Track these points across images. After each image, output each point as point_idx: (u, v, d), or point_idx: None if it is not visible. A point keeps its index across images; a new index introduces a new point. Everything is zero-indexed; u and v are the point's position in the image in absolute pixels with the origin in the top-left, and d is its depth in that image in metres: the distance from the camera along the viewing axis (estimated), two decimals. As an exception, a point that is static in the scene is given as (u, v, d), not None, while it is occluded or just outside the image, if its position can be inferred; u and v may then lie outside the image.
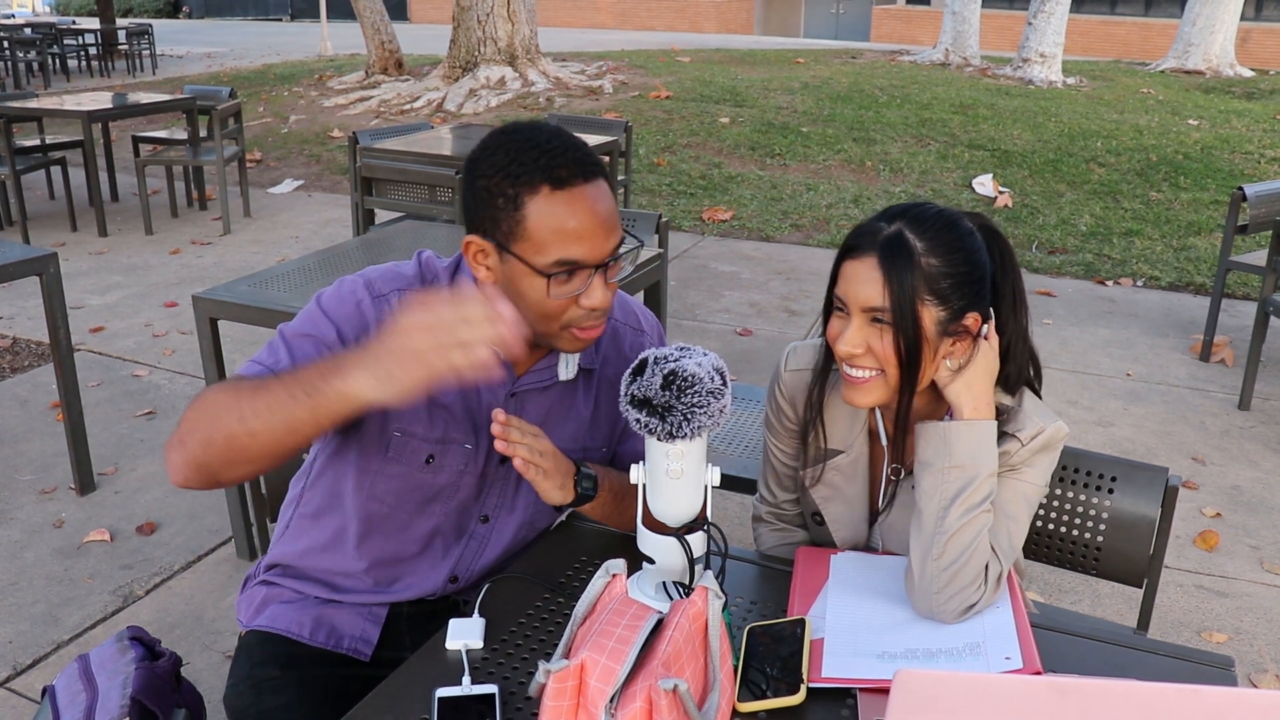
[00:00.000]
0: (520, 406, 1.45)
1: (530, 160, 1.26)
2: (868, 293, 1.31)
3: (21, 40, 14.70)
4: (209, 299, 2.71)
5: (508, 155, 1.27)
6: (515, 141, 1.28)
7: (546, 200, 1.25)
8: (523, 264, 1.27)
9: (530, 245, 1.26)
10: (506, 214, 1.26)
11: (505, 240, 1.28)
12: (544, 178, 1.25)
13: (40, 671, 2.47)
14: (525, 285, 1.28)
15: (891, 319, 1.31)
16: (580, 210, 1.26)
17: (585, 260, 1.27)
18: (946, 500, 1.32)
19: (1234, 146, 8.62)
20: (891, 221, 1.34)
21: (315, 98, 11.27)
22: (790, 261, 6.15)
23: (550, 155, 1.26)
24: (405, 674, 1.23)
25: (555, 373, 1.45)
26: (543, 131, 1.31)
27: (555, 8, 27.02)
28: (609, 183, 1.32)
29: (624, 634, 1.05)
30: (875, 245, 1.32)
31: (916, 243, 1.31)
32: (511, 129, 1.31)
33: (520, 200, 1.25)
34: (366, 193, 4.65)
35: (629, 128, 5.83)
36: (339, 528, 1.51)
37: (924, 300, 1.31)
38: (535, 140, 1.28)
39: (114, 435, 3.70)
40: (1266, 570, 3.00)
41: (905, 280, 1.29)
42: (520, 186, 1.25)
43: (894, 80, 11.67)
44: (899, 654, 1.24)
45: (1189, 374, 4.49)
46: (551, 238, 1.26)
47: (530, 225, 1.25)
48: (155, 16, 31.59)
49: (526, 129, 1.31)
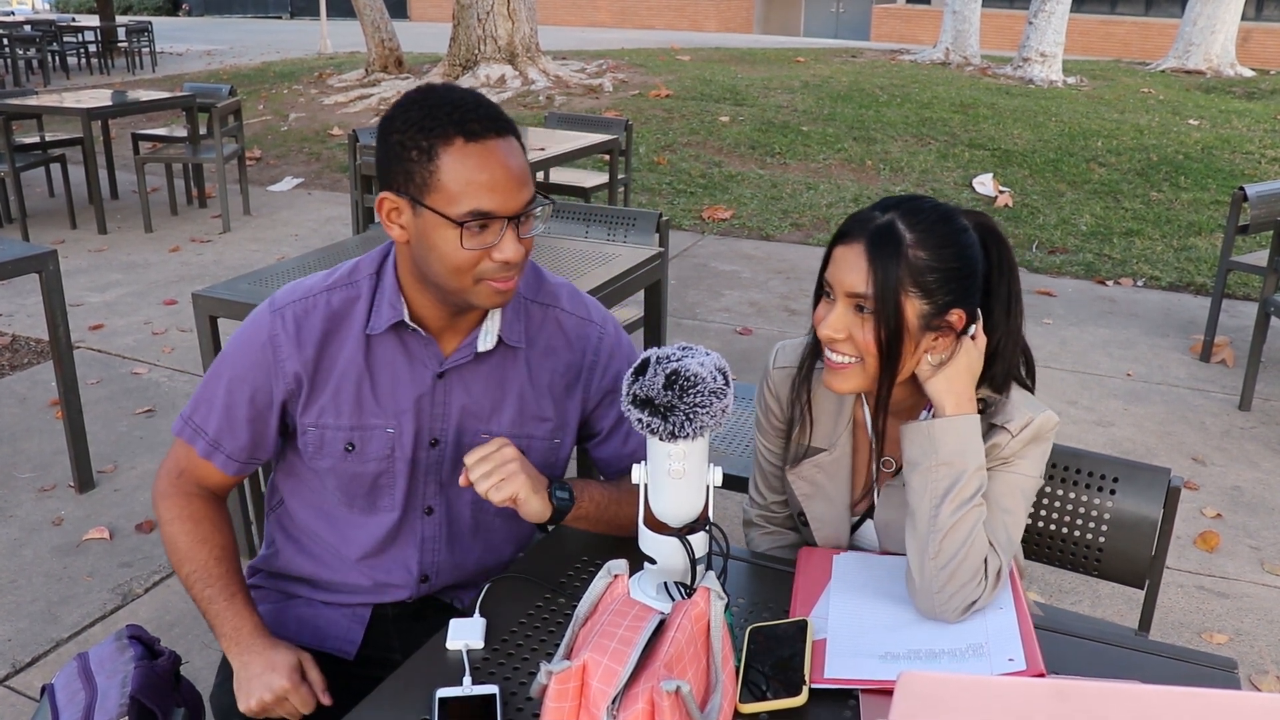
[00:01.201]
0: (448, 386, 1.45)
1: (444, 114, 1.28)
2: (852, 279, 1.32)
3: (21, 37, 14.69)
4: (209, 297, 2.70)
5: (421, 110, 1.29)
6: (429, 99, 1.31)
7: (460, 152, 1.27)
8: (437, 215, 1.28)
9: (443, 196, 1.28)
10: (420, 166, 1.28)
11: (419, 193, 1.29)
12: (457, 130, 1.27)
13: (39, 669, 2.47)
14: (438, 238, 1.30)
15: (874, 307, 1.31)
16: (493, 163, 1.28)
17: (498, 211, 1.28)
18: (937, 498, 1.32)
19: (1234, 146, 8.62)
20: (886, 211, 1.34)
21: (315, 95, 11.27)
22: (790, 260, 6.15)
23: (463, 110, 1.29)
24: (406, 674, 1.23)
25: (475, 346, 1.44)
26: (457, 91, 1.33)
27: (555, 6, 27.01)
28: (521, 144, 1.35)
29: (626, 635, 1.05)
30: (865, 233, 1.32)
31: (907, 234, 1.31)
32: (427, 88, 1.34)
33: (434, 152, 1.27)
34: (366, 190, 4.65)
35: (629, 126, 5.83)
36: (311, 533, 1.53)
37: (907, 292, 1.31)
38: (449, 98, 1.30)
39: (113, 433, 3.69)
40: (1267, 571, 3.00)
41: (890, 270, 1.30)
42: (434, 139, 1.27)
43: (894, 79, 11.67)
44: (902, 655, 1.24)
45: (1189, 374, 4.49)
46: (465, 188, 1.27)
47: (443, 177, 1.27)
48: (155, 14, 31.58)
49: (441, 89, 1.33)
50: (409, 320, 1.40)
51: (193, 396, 1.49)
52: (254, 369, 1.42)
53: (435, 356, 1.43)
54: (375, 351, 1.42)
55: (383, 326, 1.40)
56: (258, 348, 1.42)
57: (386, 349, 1.42)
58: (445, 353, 1.44)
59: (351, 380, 1.41)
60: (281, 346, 1.40)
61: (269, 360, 1.41)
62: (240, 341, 1.44)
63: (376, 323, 1.40)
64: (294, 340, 1.40)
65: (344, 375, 1.41)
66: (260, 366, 1.42)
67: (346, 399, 1.42)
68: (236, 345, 1.45)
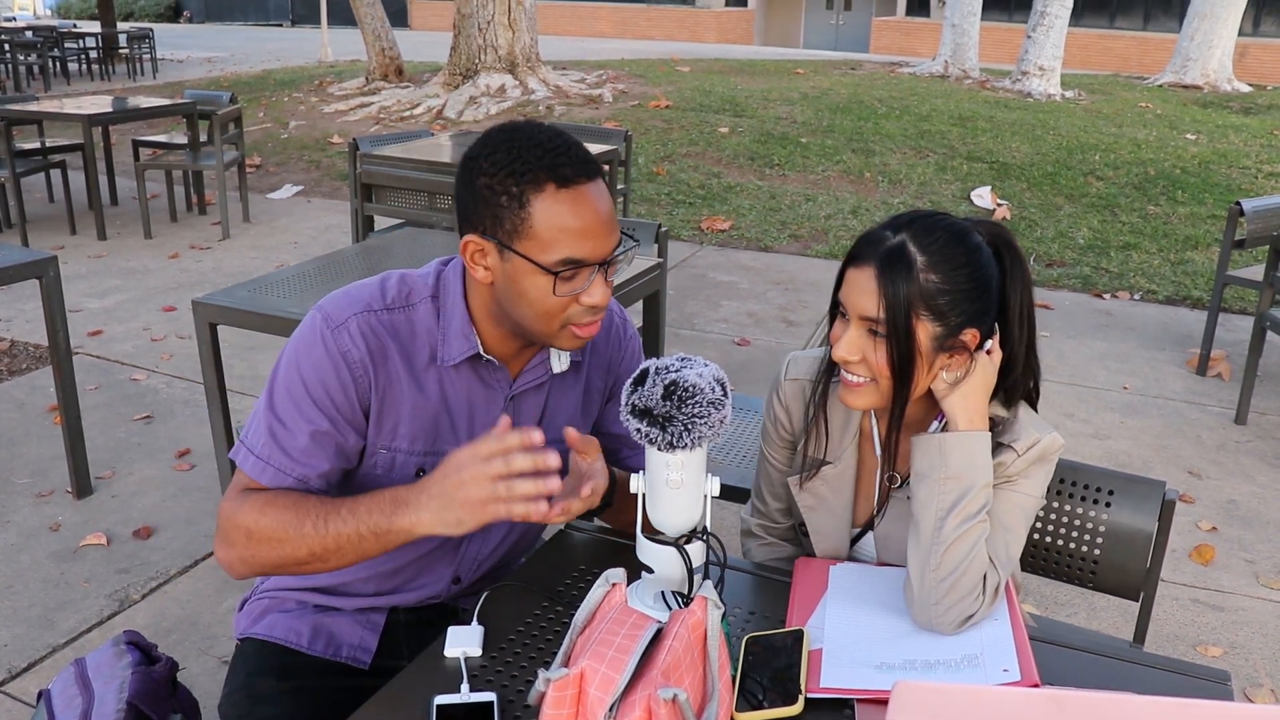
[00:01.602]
0: (517, 408, 1.46)
1: (534, 158, 1.25)
2: (864, 303, 1.32)
3: (22, 43, 14.72)
4: (209, 304, 2.71)
5: (510, 153, 1.26)
6: (517, 140, 1.28)
7: (552, 198, 1.25)
8: (527, 262, 1.27)
9: (535, 244, 1.26)
10: (510, 212, 1.26)
11: (508, 239, 1.27)
12: (549, 175, 1.25)
13: (35, 675, 2.46)
14: (528, 284, 1.29)
15: (885, 331, 1.31)
16: (585, 210, 1.27)
17: (589, 258, 1.28)
18: (943, 511, 1.33)
19: (1231, 161, 8.65)
20: (898, 231, 1.33)
21: (315, 103, 11.29)
22: (788, 272, 6.16)
23: (554, 154, 1.26)
24: (403, 681, 1.23)
25: (549, 368, 1.45)
26: (544, 130, 1.30)
27: (556, 16, 27.08)
28: (606, 183, 1.33)
29: (623, 643, 1.06)
30: (876, 256, 1.32)
31: (918, 256, 1.31)
32: (511, 128, 1.31)
33: (525, 198, 1.25)
34: (366, 199, 4.65)
35: (628, 137, 5.85)
36: None
37: (919, 315, 1.31)
38: (537, 139, 1.28)
39: (111, 439, 3.70)
40: (1262, 585, 3.00)
41: (901, 294, 1.30)
42: (525, 184, 1.25)
43: (893, 92, 11.70)
44: (897, 665, 1.24)
45: (1186, 388, 4.50)
46: (558, 236, 1.26)
47: (535, 224, 1.26)
48: (156, 21, 31.64)
49: (527, 128, 1.30)
50: (483, 353, 1.39)
51: (255, 429, 1.36)
52: (333, 391, 1.34)
53: (506, 380, 1.43)
54: (447, 380, 1.40)
55: (456, 359, 1.38)
56: (331, 369, 1.33)
57: (459, 378, 1.40)
58: (513, 373, 1.44)
59: (425, 408, 1.39)
60: (359, 362, 1.34)
61: (347, 379, 1.34)
62: (309, 367, 1.34)
63: (448, 354, 1.38)
64: (367, 355, 1.34)
65: (415, 402, 1.38)
66: (339, 387, 1.34)
67: (421, 426, 1.39)
68: (305, 369, 1.34)
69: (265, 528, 1.28)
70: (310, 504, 1.28)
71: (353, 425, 1.36)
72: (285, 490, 1.33)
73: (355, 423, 1.36)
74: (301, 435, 1.33)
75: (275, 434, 1.33)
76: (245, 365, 4.33)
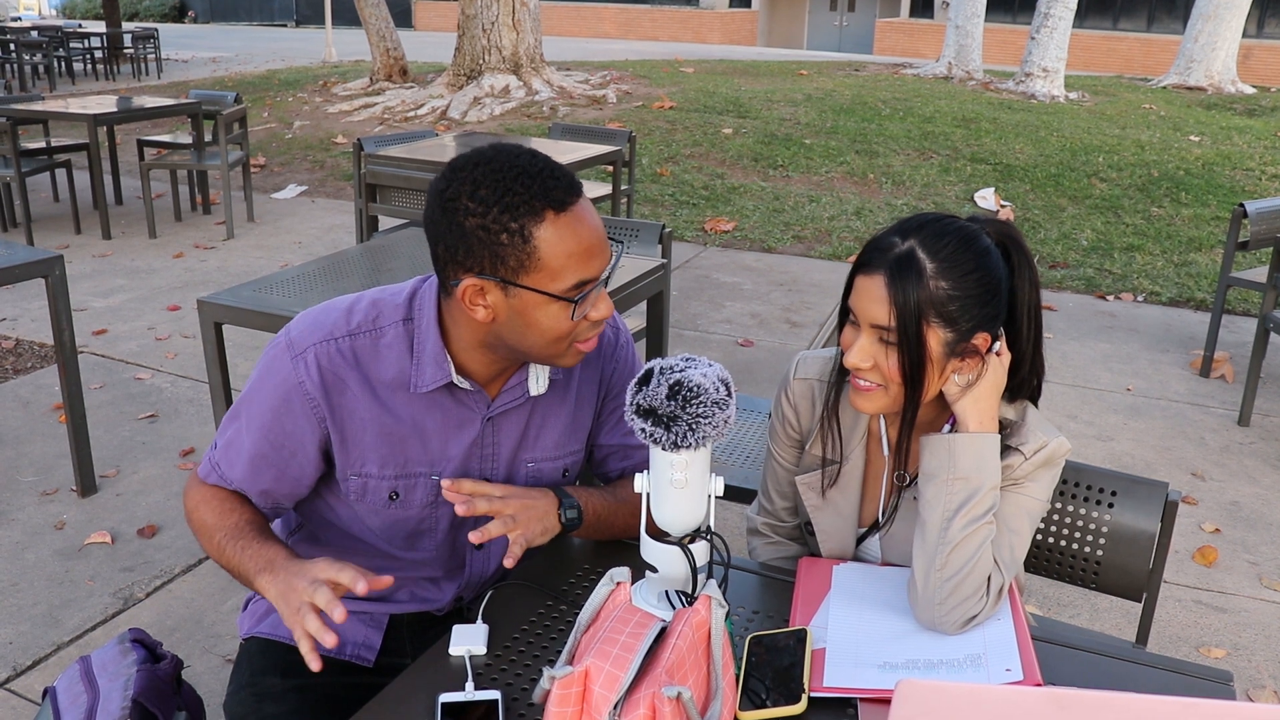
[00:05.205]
0: (496, 427, 1.43)
1: (523, 188, 1.22)
2: (875, 311, 1.32)
3: (28, 43, 14.74)
4: (214, 303, 2.72)
5: (496, 188, 1.22)
6: (495, 170, 1.23)
7: (553, 226, 1.23)
8: (539, 294, 1.25)
9: (545, 274, 1.24)
10: (514, 249, 1.22)
11: (513, 275, 1.24)
12: (545, 203, 1.22)
13: (40, 672, 2.47)
14: (540, 314, 1.27)
15: (896, 339, 1.31)
16: (584, 229, 1.25)
17: (596, 276, 1.28)
18: (950, 511, 1.33)
19: (1235, 163, 8.64)
20: (906, 237, 1.32)
21: (320, 104, 11.30)
22: (792, 273, 6.17)
23: (542, 179, 1.23)
24: (408, 679, 1.24)
25: (526, 389, 1.43)
26: (519, 154, 1.26)
27: (560, 17, 27.10)
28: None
29: (628, 641, 1.06)
30: (885, 264, 1.31)
31: (927, 263, 1.30)
32: (478, 157, 1.26)
33: (528, 232, 1.22)
34: (370, 199, 4.66)
35: (632, 138, 5.85)
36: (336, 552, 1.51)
37: (930, 322, 1.31)
38: (518, 165, 1.24)
39: (116, 438, 3.70)
40: (1265, 586, 3.00)
41: (911, 302, 1.29)
42: (524, 218, 1.22)
43: (897, 93, 11.70)
44: (900, 664, 1.25)
45: (1189, 389, 4.49)
46: (566, 262, 1.24)
47: (543, 255, 1.23)
48: (161, 21, 31.69)
49: (497, 156, 1.25)
50: (456, 379, 1.36)
51: (221, 430, 1.43)
52: (282, 418, 1.36)
53: (483, 402, 1.41)
54: (419, 403, 1.38)
55: (427, 387, 1.36)
56: (282, 397, 1.36)
57: (432, 401, 1.38)
58: (491, 394, 1.42)
59: (395, 432, 1.37)
60: (310, 395, 1.35)
61: (297, 410, 1.35)
62: (265, 390, 1.37)
63: (420, 381, 1.36)
64: (320, 388, 1.34)
65: (383, 427, 1.37)
66: (289, 415, 1.36)
67: (391, 451, 1.39)
68: (260, 392, 1.37)
69: (195, 520, 1.42)
70: (230, 519, 1.38)
71: (299, 454, 1.38)
72: (227, 494, 1.43)
73: (303, 451, 1.38)
74: (245, 454, 1.40)
75: (230, 444, 1.41)
76: (249, 364, 4.33)
